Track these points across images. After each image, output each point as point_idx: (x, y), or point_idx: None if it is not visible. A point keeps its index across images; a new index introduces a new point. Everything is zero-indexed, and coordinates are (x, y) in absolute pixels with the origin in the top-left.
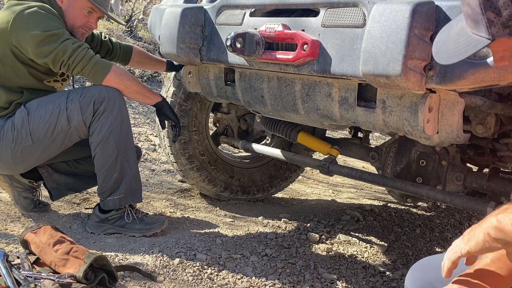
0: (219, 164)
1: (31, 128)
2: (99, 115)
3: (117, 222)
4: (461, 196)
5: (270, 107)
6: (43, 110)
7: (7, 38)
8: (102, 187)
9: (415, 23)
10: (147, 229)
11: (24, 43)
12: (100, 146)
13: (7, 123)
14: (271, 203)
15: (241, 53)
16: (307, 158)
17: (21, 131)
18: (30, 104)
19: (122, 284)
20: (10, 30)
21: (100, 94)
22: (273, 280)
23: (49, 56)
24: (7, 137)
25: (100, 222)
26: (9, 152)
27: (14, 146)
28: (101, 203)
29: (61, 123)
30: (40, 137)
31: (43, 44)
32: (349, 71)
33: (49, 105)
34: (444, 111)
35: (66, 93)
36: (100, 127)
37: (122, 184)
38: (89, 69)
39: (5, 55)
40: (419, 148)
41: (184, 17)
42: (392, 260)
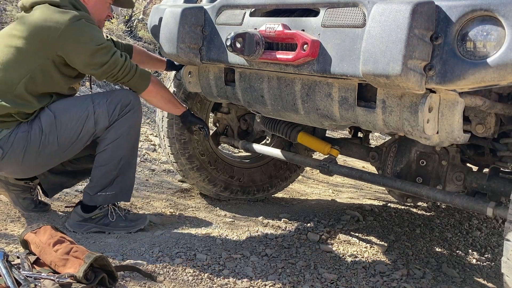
0: (219, 164)
1: (59, 132)
2: (120, 117)
3: (101, 220)
4: (461, 196)
5: (270, 107)
6: (70, 114)
7: (52, 47)
8: (96, 182)
9: (415, 23)
10: (131, 226)
11: (74, 55)
12: (112, 144)
13: (33, 128)
14: (271, 203)
15: (241, 53)
16: (307, 158)
17: (49, 135)
18: (55, 107)
19: (122, 284)
20: (57, 41)
21: (126, 99)
22: (273, 280)
23: (101, 68)
24: (34, 142)
25: (82, 221)
26: (33, 157)
27: (40, 150)
28: (87, 199)
29: (87, 127)
30: (66, 141)
31: (95, 56)
32: (349, 71)
33: (76, 108)
34: (444, 111)
35: (90, 97)
36: (119, 127)
37: (116, 182)
38: (134, 81)
39: (44, 64)
40: (419, 148)
41: (184, 17)
42: (392, 260)
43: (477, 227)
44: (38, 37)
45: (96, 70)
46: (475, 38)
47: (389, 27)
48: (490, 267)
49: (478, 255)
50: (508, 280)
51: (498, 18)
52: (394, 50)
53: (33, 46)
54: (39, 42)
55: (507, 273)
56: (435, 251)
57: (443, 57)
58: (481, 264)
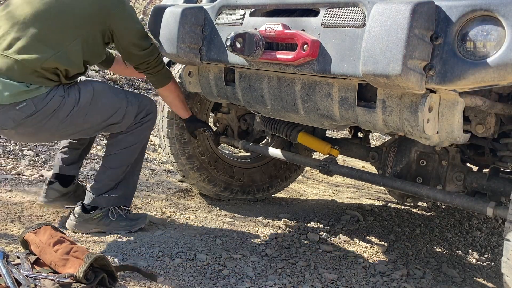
0: (219, 164)
1: (90, 110)
2: (142, 124)
3: (102, 221)
4: (461, 196)
5: (270, 107)
6: (107, 99)
7: (107, 20)
8: (102, 184)
9: (415, 23)
10: (132, 225)
11: (125, 32)
12: (127, 149)
13: (70, 95)
14: (271, 203)
15: (241, 53)
16: (307, 158)
17: (82, 109)
18: (96, 86)
19: (122, 284)
20: (113, 16)
21: (151, 107)
22: (273, 280)
23: (142, 51)
24: (65, 109)
25: (83, 221)
26: (56, 123)
27: (66, 119)
28: (90, 200)
29: (115, 117)
30: (91, 120)
31: (142, 39)
32: (349, 71)
33: (113, 96)
34: (444, 111)
35: (125, 92)
36: (138, 133)
37: (120, 186)
38: (160, 74)
39: (95, 33)
40: (419, 148)
41: (184, 17)
42: (392, 260)
43: (477, 227)
44: (97, 7)
45: (138, 51)
46: (475, 38)
47: (389, 27)
48: (490, 267)
49: (478, 255)
50: (508, 280)
51: (498, 18)
52: (394, 50)
53: (90, 14)
54: (97, 12)
55: (507, 273)
56: (435, 251)
57: (443, 57)
58: (481, 264)
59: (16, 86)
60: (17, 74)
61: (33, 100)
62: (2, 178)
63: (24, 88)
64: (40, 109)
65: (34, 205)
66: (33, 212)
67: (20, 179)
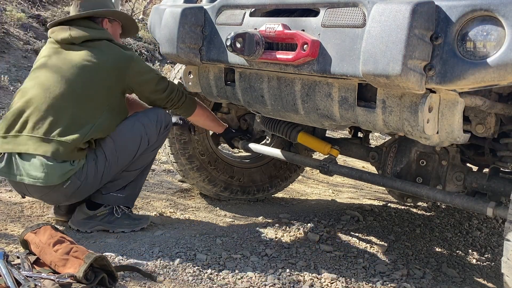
0: (219, 164)
1: (119, 156)
2: (162, 135)
3: (106, 218)
4: (461, 196)
5: (270, 107)
6: (126, 138)
7: (123, 83)
8: (113, 183)
9: (415, 23)
10: (135, 224)
11: (143, 85)
12: (143, 155)
13: (98, 155)
14: (271, 203)
15: (241, 53)
16: (307, 158)
17: (112, 160)
18: (112, 133)
19: (122, 284)
20: (128, 76)
21: (166, 119)
22: (273, 280)
23: (163, 93)
24: (100, 168)
25: (87, 219)
26: (98, 182)
27: (104, 174)
28: (97, 197)
29: (142, 147)
30: (124, 162)
31: (159, 83)
32: (349, 71)
33: (130, 133)
34: (444, 111)
35: (138, 119)
36: (159, 141)
37: (128, 187)
38: (186, 104)
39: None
40: (419, 148)
41: (184, 17)
42: (392, 260)
43: (477, 227)
44: (114, 73)
45: (160, 95)
46: (475, 38)
47: (389, 27)
48: (490, 267)
49: (478, 255)
50: (508, 280)
51: (498, 18)
52: (394, 50)
53: (110, 83)
54: (115, 79)
55: (507, 273)
56: (435, 251)
57: (443, 57)
58: (481, 264)
59: (63, 166)
60: (62, 154)
61: (75, 175)
62: (2, 178)
63: (70, 167)
64: (83, 180)
65: (34, 205)
66: (33, 212)
67: None
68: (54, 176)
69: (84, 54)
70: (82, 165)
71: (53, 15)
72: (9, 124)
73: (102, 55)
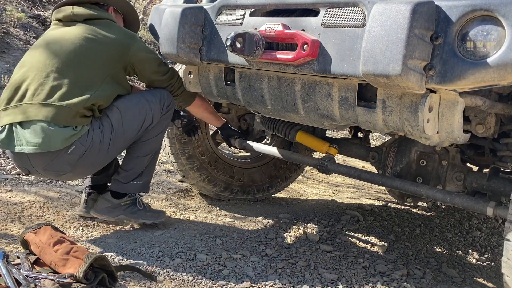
0: (219, 164)
1: (125, 127)
2: (165, 114)
3: (129, 208)
4: (460, 196)
5: (270, 107)
6: (133, 111)
7: (125, 58)
8: (130, 171)
9: (415, 23)
10: (156, 217)
11: (146, 63)
12: (155, 138)
13: (104, 124)
14: (271, 203)
15: (241, 53)
16: (305, 156)
17: (118, 130)
18: (118, 105)
19: (122, 284)
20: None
21: (169, 98)
22: (273, 280)
23: (165, 76)
24: (107, 137)
25: (112, 207)
26: (105, 151)
27: (110, 144)
28: (119, 186)
29: (146, 122)
30: (129, 134)
31: (161, 65)
32: (349, 71)
33: (136, 106)
34: (444, 111)
35: (143, 95)
36: (162, 123)
37: (144, 173)
38: (185, 93)
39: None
40: (419, 148)
41: (184, 17)
42: (392, 260)
43: (477, 227)
44: (116, 47)
45: (160, 77)
46: (475, 38)
47: (389, 27)
48: (490, 267)
49: (478, 255)
50: (508, 280)
51: (498, 18)
52: (394, 50)
53: (112, 55)
54: (117, 52)
55: (507, 273)
56: (435, 251)
57: (443, 57)
58: (481, 264)
59: (65, 131)
60: (63, 119)
61: (80, 141)
62: (2, 178)
63: (73, 132)
64: (88, 147)
65: (34, 205)
66: (33, 212)
67: (20, 179)
68: (56, 141)
69: (86, 28)
70: (87, 130)
71: None
72: (10, 96)
73: (105, 30)
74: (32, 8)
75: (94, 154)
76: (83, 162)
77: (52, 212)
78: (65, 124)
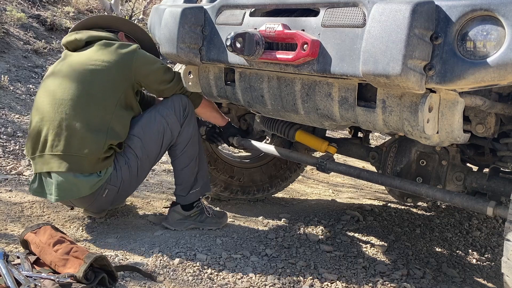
0: (219, 164)
1: (148, 152)
2: (186, 118)
3: (198, 217)
4: (461, 195)
5: (270, 107)
6: (151, 133)
7: (129, 77)
8: (185, 183)
9: (415, 22)
10: (220, 223)
11: (151, 76)
12: (187, 146)
13: (128, 156)
14: (271, 203)
15: (241, 53)
16: (304, 155)
17: (142, 158)
18: (135, 132)
19: (122, 284)
20: (134, 70)
21: (183, 102)
22: (273, 280)
23: (170, 83)
24: (134, 168)
25: (183, 219)
26: (135, 181)
27: (139, 173)
28: (182, 199)
29: (167, 138)
30: (154, 156)
31: (165, 73)
32: (349, 71)
33: (152, 126)
34: (444, 111)
35: (157, 111)
36: (187, 129)
37: (199, 177)
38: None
39: (126, 93)
40: (419, 148)
41: (184, 17)
42: (392, 260)
43: (477, 227)
44: (117, 69)
45: (167, 85)
46: (475, 38)
47: (389, 27)
48: (490, 267)
49: (478, 255)
50: (508, 280)
51: (498, 17)
52: (394, 50)
53: (115, 79)
54: (120, 74)
55: (507, 273)
56: (435, 251)
57: (443, 57)
58: (481, 264)
59: (91, 178)
60: (86, 168)
61: (111, 184)
62: (2, 178)
63: (98, 178)
64: (120, 185)
65: (34, 205)
66: (33, 212)
67: (20, 179)
68: (84, 189)
69: (85, 56)
70: (113, 171)
71: (53, 15)
72: (33, 145)
73: (103, 53)
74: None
75: (127, 187)
76: (120, 196)
77: (52, 212)
78: (90, 171)
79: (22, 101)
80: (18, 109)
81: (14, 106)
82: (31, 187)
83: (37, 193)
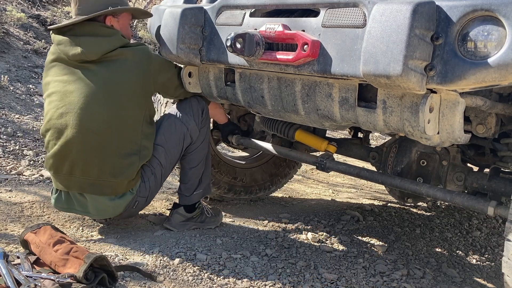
0: (222, 166)
1: (171, 159)
2: (203, 121)
3: (199, 218)
4: (461, 195)
5: (270, 108)
6: (173, 141)
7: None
8: (191, 183)
9: (416, 23)
10: (217, 221)
11: (168, 82)
12: (201, 146)
13: (154, 166)
14: (271, 203)
15: (241, 54)
16: (303, 154)
17: (166, 165)
18: (158, 141)
19: (122, 284)
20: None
21: (201, 105)
22: (273, 280)
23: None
24: (158, 176)
25: (185, 220)
26: (159, 186)
27: (163, 179)
28: (186, 199)
29: (186, 142)
30: (175, 160)
31: (179, 77)
32: (349, 71)
33: (173, 134)
34: (445, 111)
35: (178, 117)
36: (203, 129)
37: (203, 179)
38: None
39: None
40: (419, 148)
41: (184, 18)
42: (392, 260)
43: (477, 227)
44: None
45: (182, 88)
46: (476, 38)
47: (389, 27)
48: (490, 267)
49: (478, 255)
50: (509, 280)
51: (499, 18)
52: (395, 50)
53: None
54: (141, 89)
55: (508, 273)
56: (435, 251)
57: (444, 57)
58: (481, 264)
59: (125, 198)
60: (120, 190)
61: (140, 195)
62: (2, 178)
63: (131, 196)
64: (148, 195)
65: (34, 205)
66: (33, 212)
67: (20, 179)
68: (120, 208)
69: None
70: (141, 182)
71: (53, 15)
72: (58, 165)
73: (121, 67)
74: (32, 8)
75: (153, 193)
76: (147, 202)
77: (52, 212)
78: (123, 192)
79: (22, 101)
80: (18, 109)
81: (14, 106)
82: (56, 202)
83: (63, 208)
